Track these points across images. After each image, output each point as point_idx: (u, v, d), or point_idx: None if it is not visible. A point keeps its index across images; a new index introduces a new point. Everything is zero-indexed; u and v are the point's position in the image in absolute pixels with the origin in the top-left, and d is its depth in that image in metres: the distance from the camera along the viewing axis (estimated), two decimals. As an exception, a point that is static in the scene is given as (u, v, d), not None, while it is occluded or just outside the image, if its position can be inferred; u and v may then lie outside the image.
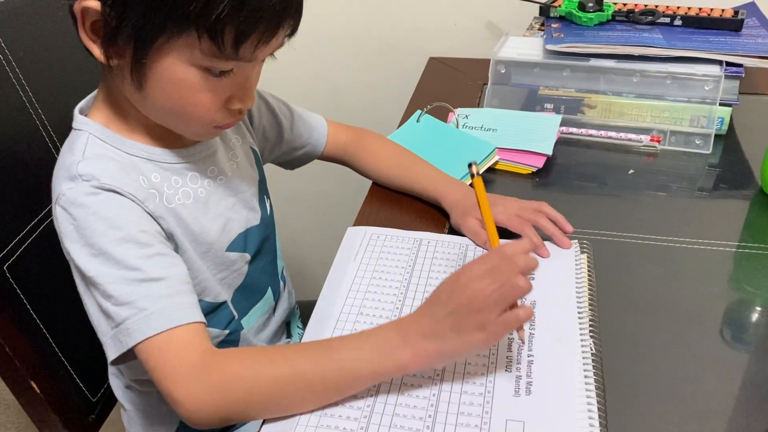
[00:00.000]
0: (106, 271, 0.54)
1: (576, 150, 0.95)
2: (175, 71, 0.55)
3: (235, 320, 0.71)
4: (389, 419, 0.53)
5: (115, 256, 0.54)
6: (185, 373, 0.52)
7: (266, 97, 0.80)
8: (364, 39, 1.31)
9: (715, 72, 0.92)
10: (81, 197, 0.56)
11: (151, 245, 0.57)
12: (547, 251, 0.70)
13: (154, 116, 0.61)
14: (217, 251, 0.67)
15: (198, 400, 0.52)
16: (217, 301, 0.68)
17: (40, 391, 0.71)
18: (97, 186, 0.56)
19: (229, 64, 0.56)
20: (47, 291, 0.73)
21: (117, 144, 0.61)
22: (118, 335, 0.54)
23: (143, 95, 0.58)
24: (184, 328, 0.54)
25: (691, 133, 0.94)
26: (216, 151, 0.69)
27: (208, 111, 0.59)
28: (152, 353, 0.53)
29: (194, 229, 0.64)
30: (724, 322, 0.64)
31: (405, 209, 0.83)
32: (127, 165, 0.60)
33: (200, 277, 0.65)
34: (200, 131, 0.63)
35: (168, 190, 0.63)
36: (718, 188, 0.87)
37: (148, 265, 0.55)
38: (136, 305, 0.53)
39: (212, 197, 0.67)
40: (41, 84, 0.75)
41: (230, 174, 0.70)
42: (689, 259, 0.72)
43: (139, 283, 0.54)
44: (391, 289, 0.67)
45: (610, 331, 0.61)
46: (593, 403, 0.53)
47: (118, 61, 0.56)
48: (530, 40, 1.06)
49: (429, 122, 0.96)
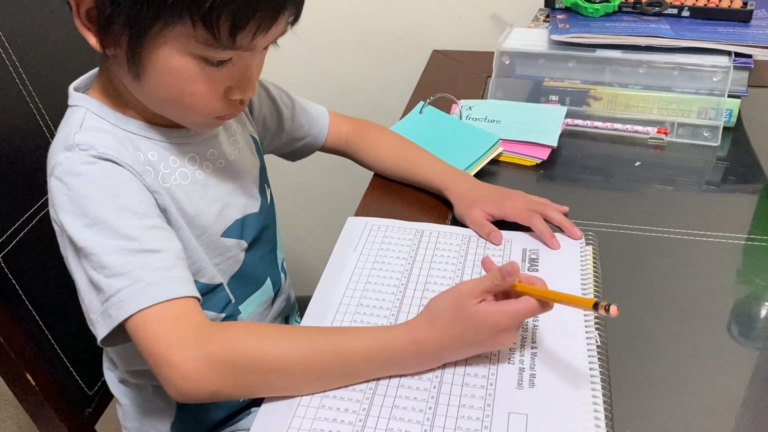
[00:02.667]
0: (100, 241, 0.52)
1: (581, 142, 0.94)
2: (172, 61, 0.54)
3: (232, 304, 0.70)
4: (389, 411, 0.52)
5: (112, 224, 0.53)
6: (183, 339, 0.50)
7: (267, 85, 0.79)
8: (368, 32, 1.30)
9: (724, 63, 0.90)
10: (78, 166, 0.55)
11: (149, 216, 0.55)
12: (557, 243, 0.69)
13: (153, 106, 0.59)
14: (212, 236, 0.66)
15: (193, 368, 0.49)
16: (213, 283, 0.67)
17: (35, 383, 0.70)
18: (94, 155, 0.55)
19: (227, 54, 0.54)
20: (44, 282, 0.72)
21: (114, 120, 0.60)
22: (109, 309, 0.52)
23: (141, 85, 0.56)
24: (180, 301, 0.52)
25: (698, 125, 0.92)
26: (217, 135, 0.67)
27: (207, 101, 0.57)
28: (147, 324, 0.51)
29: (189, 211, 0.63)
30: (733, 316, 0.63)
31: (407, 200, 0.81)
32: (125, 140, 0.59)
33: (195, 257, 0.64)
34: (200, 121, 0.61)
35: (164, 169, 0.61)
36: (727, 181, 0.85)
37: (146, 236, 0.53)
38: (132, 276, 0.51)
39: (211, 180, 0.66)
40: (39, 73, 0.74)
41: (231, 158, 0.68)
42: (697, 251, 0.71)
43: (136, 254, 0.52)
44: (392, 281, 0.66)
45: (615, 324, 0.60)
46: (599, 396, 0.52)
47: (115, 50, 0.55)
48: (535, 31, 1.05)
49: (432, 114, 0.94)
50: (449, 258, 0.69)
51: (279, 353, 0.52)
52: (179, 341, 0.50)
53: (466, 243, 0.71)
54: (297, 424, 0.51)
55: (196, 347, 0.50)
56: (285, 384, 0.52)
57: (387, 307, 0.63)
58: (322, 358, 0.53)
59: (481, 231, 0.72)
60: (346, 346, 0.53)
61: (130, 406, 0.73)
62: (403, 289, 0.65)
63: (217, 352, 0.51)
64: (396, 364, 0.54)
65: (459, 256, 0.69)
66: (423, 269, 0.67)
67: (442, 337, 0.53)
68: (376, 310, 0.62)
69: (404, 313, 0.62)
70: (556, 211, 0.71)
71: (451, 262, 0.68)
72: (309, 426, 0.51)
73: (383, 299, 0.64)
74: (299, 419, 0.51)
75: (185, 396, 0.51)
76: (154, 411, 0.72)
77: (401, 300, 0.63)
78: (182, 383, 0.50)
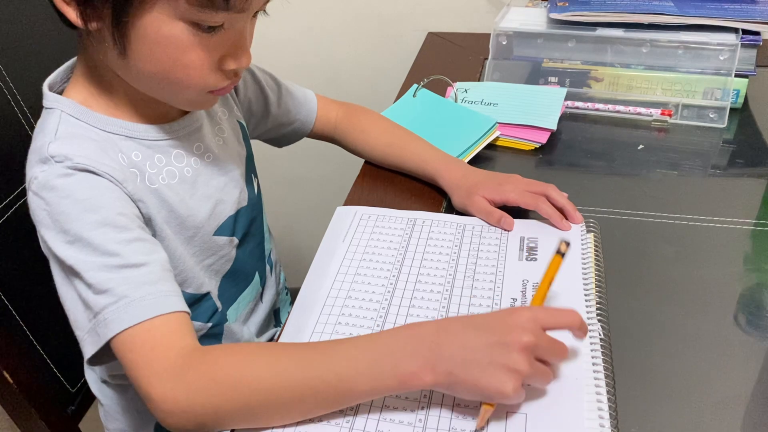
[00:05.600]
0: (83, 258, 0.50)
1: (582, 125, 0.91)
2: (161, 28, 0.50)
3: (219, 312, 0.67)
4: (378, 411, 0.49)
5: (91, 241, 0.50)
6: (161, 371, 0.48)
7: (253, 69, 0.76)
8: (361, 13, 1.27)
9: (731, 40, 0.87)
10: (53, 180, 0.52)
11: (129, 229, 0.52)
12: (568, 224, 0.67)
13: (142, 86, 0.56)
14: (204, 235, 0.63)
15: (172, 400, 0.47)
16: (199, 292, 0.64)
17: (13, 381, 0.68)
18: (70, 166, 0.52)
19: (219, 16, 0.51)
20: (22, 277, 0.70)
21: (93, 122, 0.56)
22: (96, 327, 0.49)
23: (128, 62, 0.53)
24: (166, 318, 0.49)
25: (704, 106, 0.89)
26: (202, 126, 0.64)
27: (200, 73, 0.54)
28: (129, 347, 0.49)
29: (180, 212, 0.60)
30: (741, 304, 0.60)
31: (398, 188, 0.78)
32: (105, 143, 0.56)
33: (181, 267, 0.61)
34: (193, 97, 0.57)
35: (150, 169, 0.58)
36: (734, 164, 0.82)
37: (127, 250, 0.51)
38: (115, 293, 0.49)
39: (200, 177, 0.63)
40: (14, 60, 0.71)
41: (217, 151, 0.65)
42: (703, 237, 0.68)
43: (118, 269, 0.50)
44: (383, 272, 0.63)
45: (618, 314, 0.57)
46: (602, 392, 0.49)
47: (97, 23, 0.51)
48: (533, 10, 1.01)
49: (426, 97, 0.91)
50: (443, 248, 0.66)
51: (257, 373, 0.48)
52: (158, 374, 0.48)
53: (461, 232, 0.68)
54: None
55: (173, 380, 0.47)
56: (268, 408, 0.48)
57: (377, 300, 0.59)
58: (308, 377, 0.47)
59: (490, 219, 0.69)
60: (335, 345, 0.49)
61: (112, 407, 0.70)
62: (394, 281, 0.62)
63: (195, 382, 0.47)
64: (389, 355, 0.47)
65: (453, 245, 0.66)
66: (416, 260, 0.64)
67: (442, 320, 0.50)
68: (365, 303, 0.59)
69: (395, 306, 0.59)
70: (558, 192, 0.68)
71: (445, 252, 0.65)
72: (294, 426, 0.48)
73: (373, 291, 0.60)
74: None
75: (173, 428, 0.48)
76: (137, 412, 0.70)
77: (392, 293, 0.60)
78: (165, 417, 0.47)
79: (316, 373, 0.47)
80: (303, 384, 0.47)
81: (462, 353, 0.45)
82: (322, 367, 0.47)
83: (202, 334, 0.66)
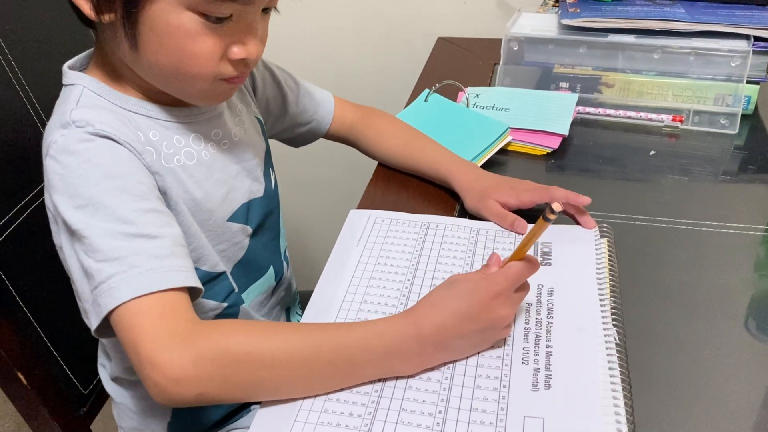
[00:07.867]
0: (94, 223, 0.49)
1: (593, 131, 0.91)
2: (170, 18, 0.51)
3: (235, 293, 0.67)
4: (396, 415, 0.49)
5: (108, 205, 0.49)
6: (169, 336, 0.46)
7: (272, 68, 0.76)
8: (372, 19, 1.27)
9: (742, 47, 0.87)
10: (74, 144, 0.52)
11: (147, 198, 0.52)
12: (587, 198, 0.67)
13: (155, 80, 0.56)
14: (218, 220, 0.63)
15: (179, 367, 0.45)
16: (215, 270, 0.64)
17: (27, 382, 0.68)
18: (91, 132, 0.52)
19: (226, 7, 0.51)
20: (35, 278, 0.70)
21: (113, 98, 0.57)
22: (98, 297, 0.48)
23: (139, 55, 0.54)
24: (174, 293, 0.49)
25: (715, 112, 0.89)
26: (222, 114, 0.65)
27: (209, 61, 0.54)
28: (134, 317, 0.47)
29: (196, 194, 0.60)
30: (753, 310, 0.60)
31: (412, 191, 0.78)
32: (124, 118, 0.56)
33: (195, 243, 0.61)
34: (205, 88, 0.57)
35: (167, 149, 0.58)
36: (745, 170, 0.83)
37: (143, 220, 0.50)
38: (126, 261, 0.48)
39: (216, 162, 0.63)
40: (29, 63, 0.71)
41: (236, 139, 0.66)
42: (715, 243, 0.68)
43: (132, 238, 0.49)
44: (397, 276, 0.63)
45: (633, 319, 0.58)
46: (619, 397, 0.49)
47: (109, 15, 0.52)
48: (544, 16, 1.02)
49: (438, 101, 0.91)
50: (457, 252, 0.66)
51: (271, 348, 0.48)
52: (166, 339, 0.46)
53: (474, 236, 0.68)
54: (299, 429, 0.48)
55: (183, 346, 0.46)
56: (276, 383, 0.49)
57: (392, 304, 0.60)
58: (317, 351, 0.49)
59: (503, 222, 0.69)
60: (343, 335, 0.50)
61: (126, 405, 0.70)
62: (409, 285, 0.62)
63: (206, 350, 0.47)
64: (397, 354, 0.50)
65: (468, 249, 0.66)
66: (430, 264, 0.64)
67: (441, 313, 0.51)
68: (380, 307, 0.59)
69: (411, 309, 0.59)
70: (559, 188, 0.68)
71: (459, 256, 0.65)
72: (311, 431, 0.48)
73: (388, 296, 0.61)
74: (301, 424, 0.48)
75: (168, 399, 0.47)
76: (151, 409, 0.69)
77: (407, 297, 0.60)
78: (166, 384, 0.46)
79: (328, 357, 0.50)
80: (313, 364, 0.49)
81: (460, 342, 0.52)
82: (334, 353, 0.50)
83: (217, 313, 0.65)
